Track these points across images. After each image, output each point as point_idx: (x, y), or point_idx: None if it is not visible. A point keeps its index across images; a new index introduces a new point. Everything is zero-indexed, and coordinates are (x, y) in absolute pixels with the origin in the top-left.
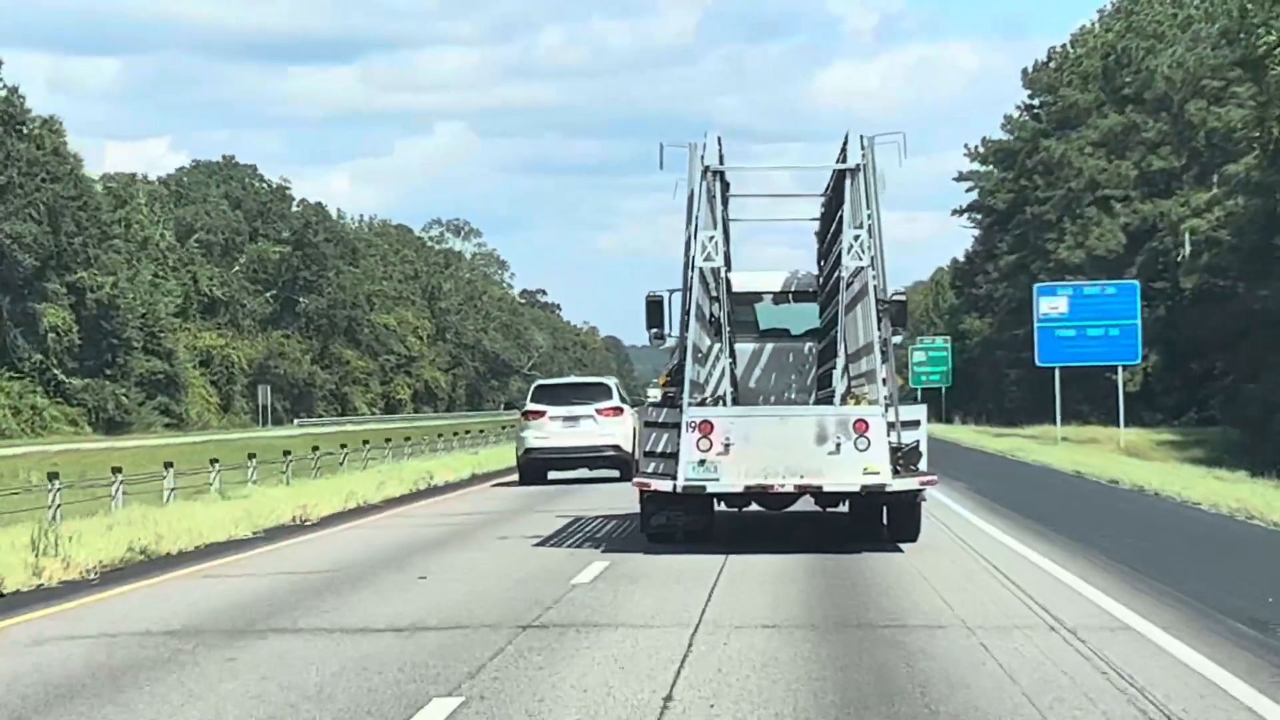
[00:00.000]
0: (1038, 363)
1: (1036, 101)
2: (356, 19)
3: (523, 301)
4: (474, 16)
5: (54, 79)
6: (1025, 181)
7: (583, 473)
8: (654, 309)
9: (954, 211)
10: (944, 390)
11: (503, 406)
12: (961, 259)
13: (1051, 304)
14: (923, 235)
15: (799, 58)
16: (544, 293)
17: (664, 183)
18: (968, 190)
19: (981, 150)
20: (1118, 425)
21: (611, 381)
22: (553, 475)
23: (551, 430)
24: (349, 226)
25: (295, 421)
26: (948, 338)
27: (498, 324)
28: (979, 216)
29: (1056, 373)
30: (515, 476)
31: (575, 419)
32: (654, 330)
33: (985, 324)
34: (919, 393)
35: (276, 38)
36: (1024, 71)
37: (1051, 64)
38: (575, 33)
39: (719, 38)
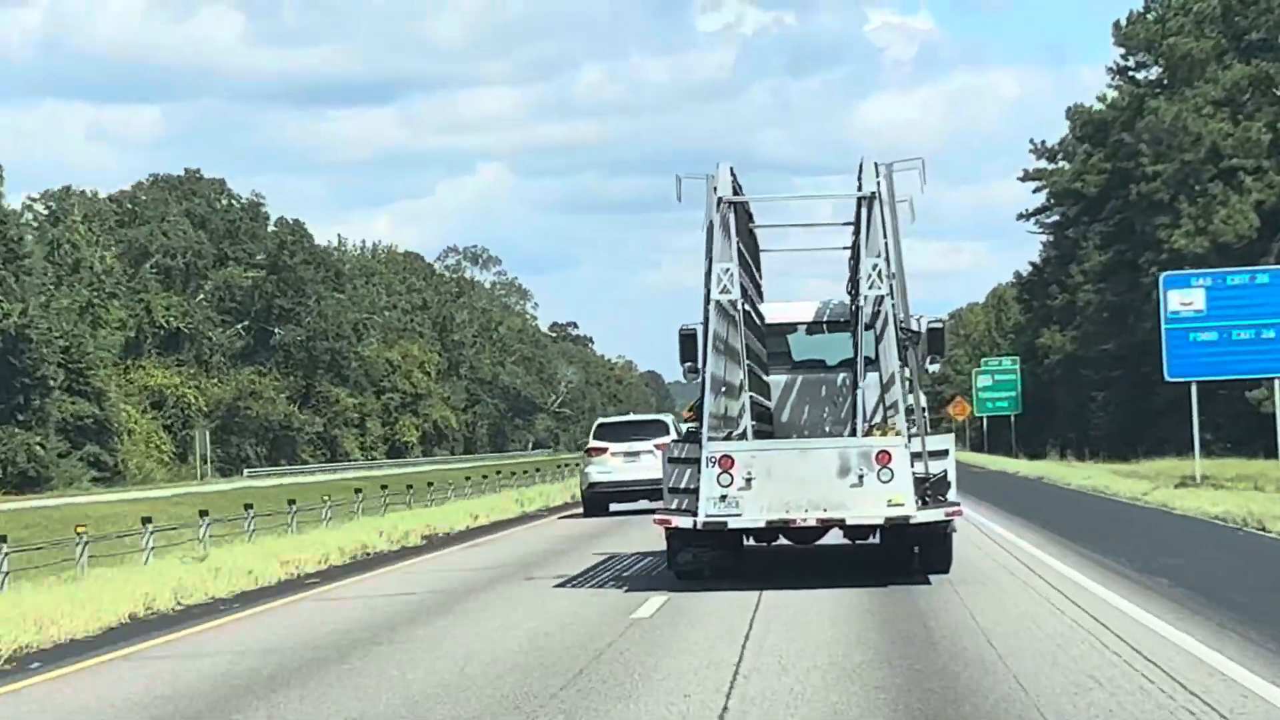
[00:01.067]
0: (1167, 376)
1: (1133, 62)
2: (394, 61)
3: (552, 335)
4: (512, 56)
5: (93, 128)
6: (1122, 163)
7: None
8: (687, 342)
9: (1020, 216)
10: (1013, 418)
11: (530, 446)
12: (1029, 270)
13: (1184, 298)
14: (966, 265)
15: (840, 89)
16: (575, 325)
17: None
18: (1035, 190)
19: (1050, 146)
20: (1271, 457)
21: (668, 418)
22: (614, 507)
23: (613, 465)
24: (350, 253)
25: (246, 472)
26: (1016, 358)
27: (518, 358)
28: (1055, 216)
29: (1194, 390)
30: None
31: (635, 454)
32: (687, 364)
33: (1067, 338)
34: (985, 422)
35: (313, 81)
36: (1115, 26)
37: (1150, 14)
38: (614, 70)
39: (759, 71)
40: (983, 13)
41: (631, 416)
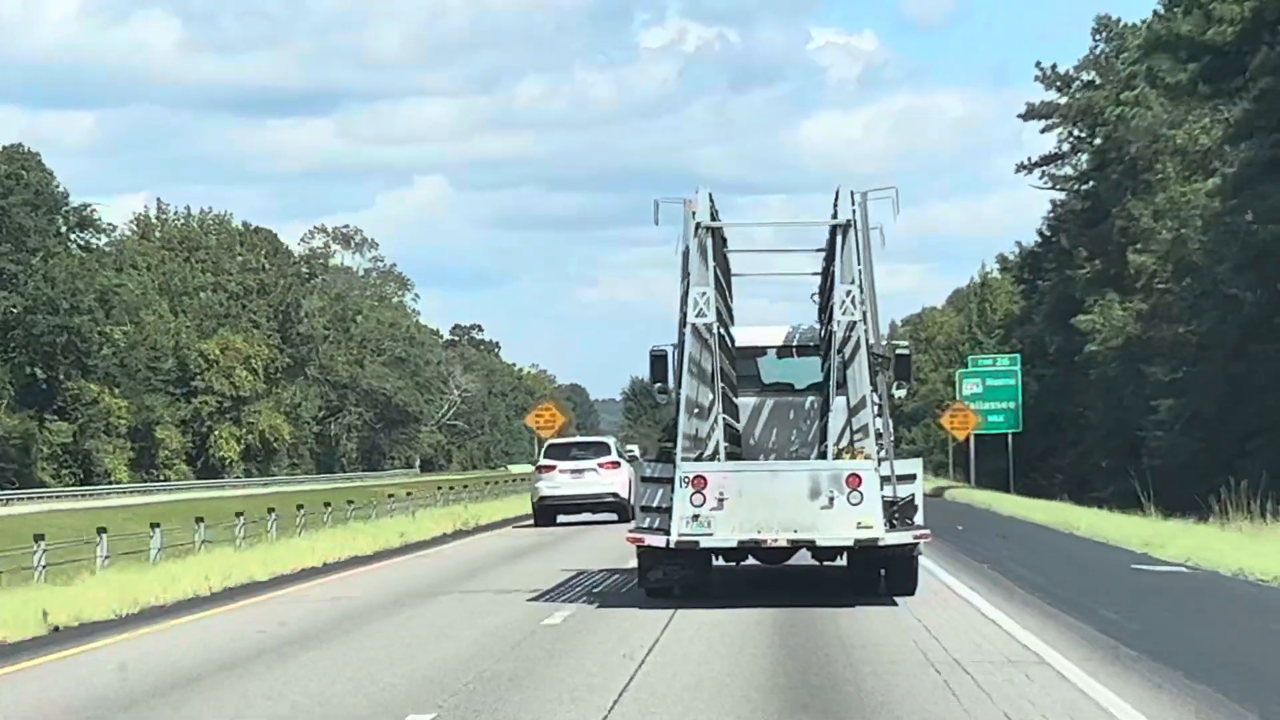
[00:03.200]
0: None
1: None
2: (333, 71)
3: (452, 338)
4: (453, 67)
5: (27, 133)
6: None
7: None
8: (658, 363)
9: (1021, 168)
10: (1010, 439)
11: (416, 464)
12: (1035, 242)
13: None
14: (908, 287)
15: (782, 107)
16: (479, 328)
17: (647, 236)
18: (1044, 130)
19: (1065, 72)
20: None
21: (611, 440)
22: (561, 519)
23: (561, 481)
24: (174, 226)
25: None
26: (1016, 356)
27: (389, 359)
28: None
29: None
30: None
31: (581, 471)
32: (658, 385)
33: (1122, 316)
34: (971, 444)
35: (251, 91)
36: None
37: None
38: (556, 83)
39: (701, 87)
40: (925, 33)
41: (578, 438)
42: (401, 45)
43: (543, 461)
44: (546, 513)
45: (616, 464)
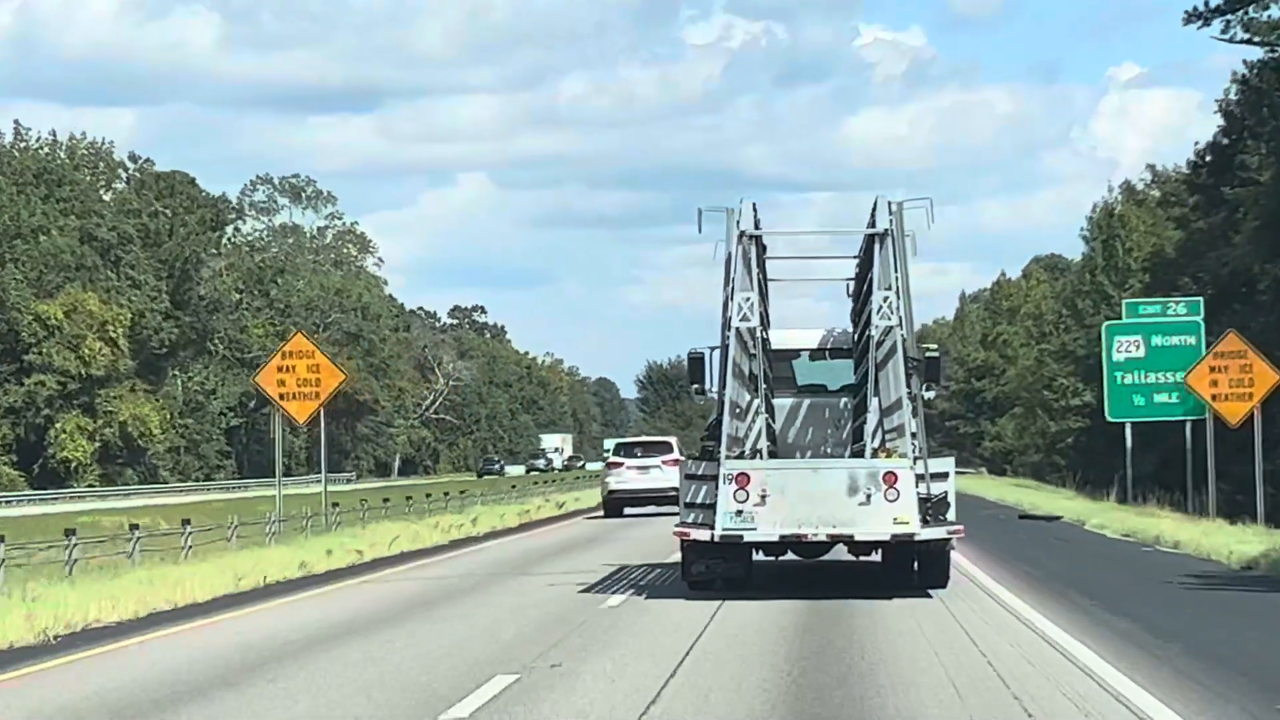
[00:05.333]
0: None
1: None
2: (375, 68)
3: (453, 321)
4: (495, 65)
5: (69, 131)
6: None
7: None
8: (695, 365)
9: (1193, 17)
10: (1188, 426)
11: (395, 467)
12: (1218, 134)
13: None
14: (953, 285)
15: (828, 104)
16: (482, 310)
17: (691, 235)
18: None
19: None
20: None
21: (673, 440)
22: (628, 511)
23: (628, 476)
24: (30, 155)
25: None
26: (1198, 302)
27: (337, 333)
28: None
29: None
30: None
31: (646, 468)
32: (695, 385)
33: None
34: (1127, 430)
35: (293, 88)
36: None
37: None
38: (599, 81)
39: (747, 84)
40: (974, 29)
41: (643, 438)
42: (444, 42)
43: (611, 459)
44: (615, 505)
45: (678, 461)
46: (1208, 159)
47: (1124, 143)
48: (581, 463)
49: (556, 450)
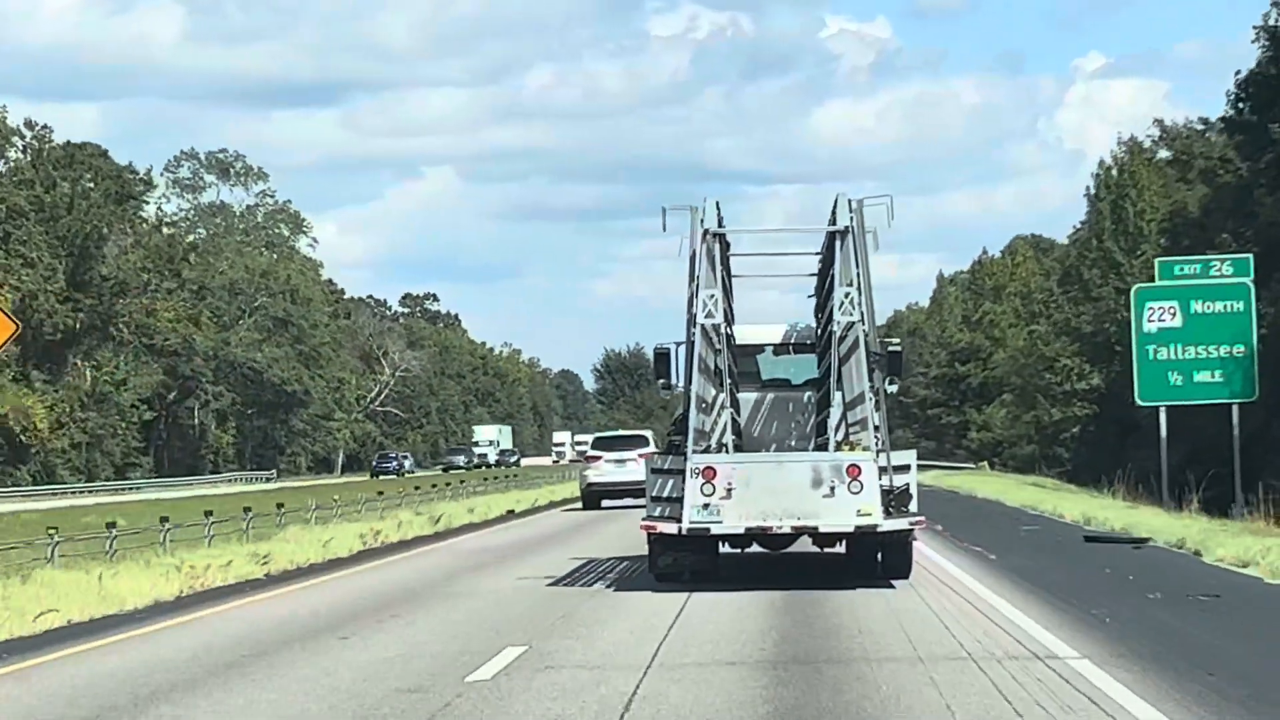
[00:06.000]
0: None
1: None
2: (340, 61)
3: (404, 309)
4: (461, 57)
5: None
6: None
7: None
8: (662, 360)
9: None
10: (1235, 408)
11: (338, 466)
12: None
13: None
14: (918, 277)
15: (795, 96)
16: (434, 298)
17: (658, 228)
18: None
19: None
20: None
21: (649, 434)
22: (605, 503)
23: (606, 469)
24: None
25: None
26: (1247, 259)
27: (265, 319)
28: None
29: None
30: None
31: (623, 461)
32: (662, 380)
33: None
34: (1161, 416)
35: (257, 82)
36: None
37: None
38: (565, 73)
39: (713, 76)
40: (939, 20)
41: (620, 432)
42: (409, 35)
43: (590, 453)
44: (593, 497)
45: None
46: (1250, 91)
47: (1091, 134)
48: (516, 457)
49: (491, 443)
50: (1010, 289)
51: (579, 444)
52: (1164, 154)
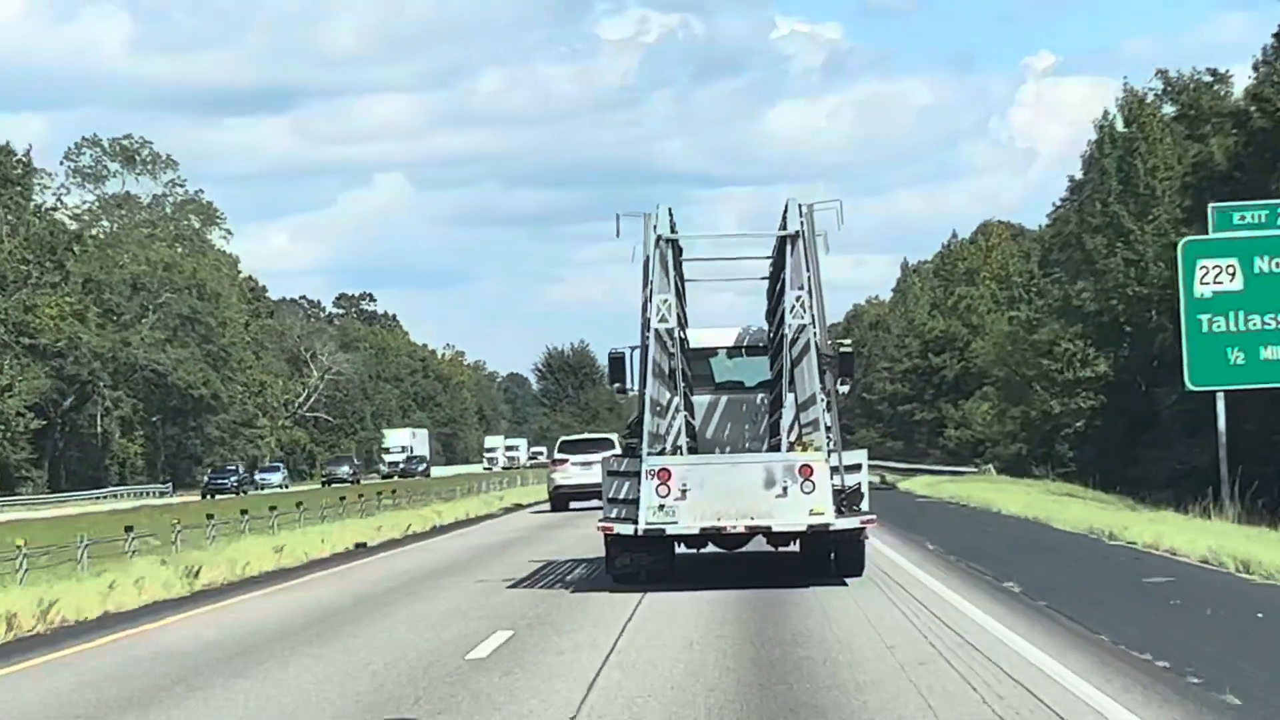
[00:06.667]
0: None
1: None
2: (289, 68)
3: (339, 310)
4: (410, 63)
5: None
6: None
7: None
8: (617, 364)
9: None
10: None
11: (252, 476)
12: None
13: None
14: (871, 278)
15: (746, 98)
16: (371, 298)
17: (611, 231)
18: None
19: None
20: None
21: (614, 437)
22: (573, 505)
23: (572, 472)
24: None
25: None
26: None
27: (169, 317)
28: None
29: None
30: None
31: (589, 464)
32: (617, 384)
33: None
34: (1219, 404)
35: (206, 89)
36: None
37: None
38: (515, 77)
39: (664, 78)
40: (889, 20)
41: (586, 435)
42: (357, 41)
43: (557, 456)
44: (561, 500)
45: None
46: None
47: (1042, 132)
48: (423, 466)
49: (403, 449)
50: (985, 272)
51: (510, 449)
52: (1168, 109)
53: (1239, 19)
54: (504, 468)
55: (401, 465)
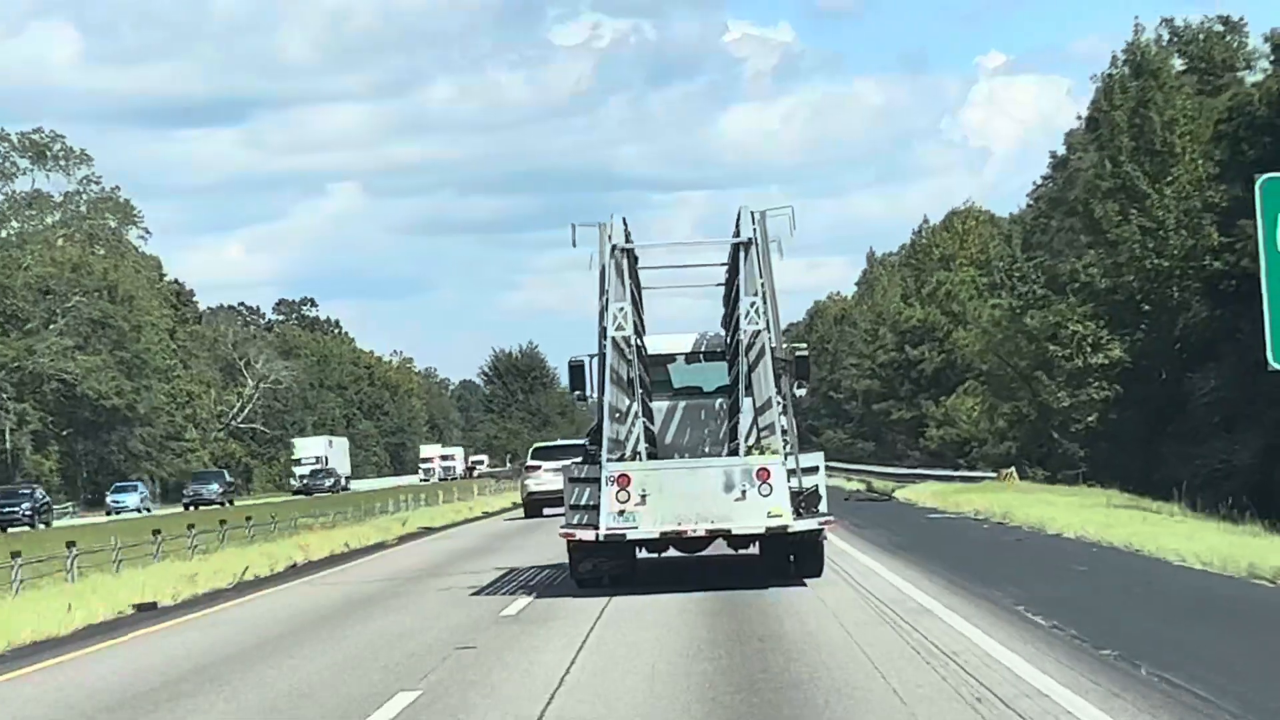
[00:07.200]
0: None
1: None
2: (241, 79)
3: (279, 317)
4: (362, 72)
5: None
6: None
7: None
8: (576, 372)
9: None
10: None
11: (183, 493)
12: None
13: None
14: (827, 280)
15: (700, 102)
16: (312, 303)
17: (568, 238)
18: None
19: None
20: None
21: (586, 442)
22: (546, 511)
23: (545, 478)
24: None
25: None
26: None
27: (83, 323)
28: None
29: None
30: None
31: (561, 470)
32: (576, 392)
33: None
34: None
35: (158, 102)
36: None
37: None
38: (468, 85)
39: (617, 83)
40: (839, 21)
41: (559, 441)
42: (309, 51)
43: (530, 462)
44: (535, 505)
45: None
46: None
47: (994, 130)
48: (332, 480)
49: (318, 460)
50: (962, 258)
51: (446, 459)
52: (1177, 63)
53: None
54: (440, 479)
55: (305, 480)
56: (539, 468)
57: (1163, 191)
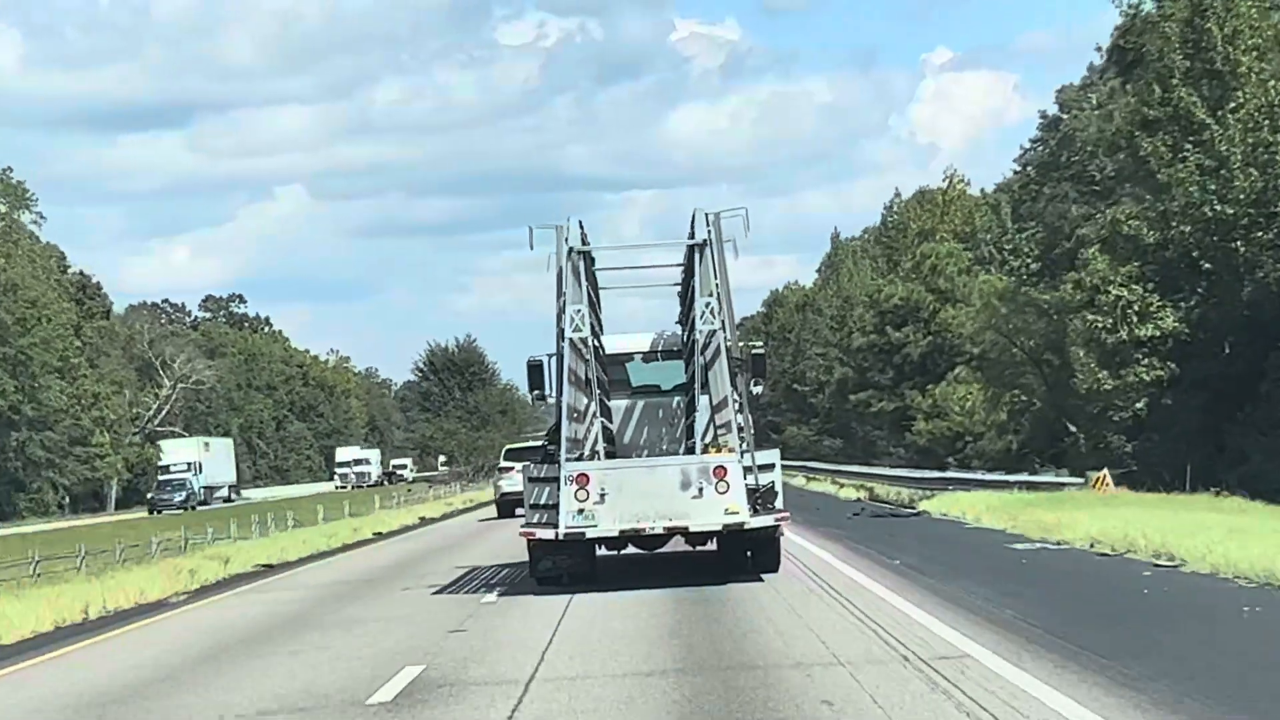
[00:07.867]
0: None
1: None
2: (186, 81)
3: (205, 315)
4: (308, 74)
5: None
6: None
7: None
8: (534, 372)
9: None
10: None
11: (108, 504)
12: None
13: None
14: (779, 278)
15: (647, 101)
16: (241, 300)
17: (518, 239)
18: None
19: None
20: None
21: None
22: (519, 511)
23: (518, 479)
24: None
25: None
26: None
27: None
28: None
29: None
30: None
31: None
32: (535, 392)
33: None
34: None
35: (103, 106)
36: None
37: None
38: (415, 86)
39: (565, 83)
40: (787, 19)
41: (531, 443)
42: (254, 53)
43: (503, 464)
44: (507, 506)
45: None
46: None
47: (942, 127)
48: (185, 496)
49: (188, 467)
50: (942, 232)
51: (360, 463)
52: None
53: None
54: (354, 486)
55: (152, 496)
56: (512, 469)
57: (1225, 121)
